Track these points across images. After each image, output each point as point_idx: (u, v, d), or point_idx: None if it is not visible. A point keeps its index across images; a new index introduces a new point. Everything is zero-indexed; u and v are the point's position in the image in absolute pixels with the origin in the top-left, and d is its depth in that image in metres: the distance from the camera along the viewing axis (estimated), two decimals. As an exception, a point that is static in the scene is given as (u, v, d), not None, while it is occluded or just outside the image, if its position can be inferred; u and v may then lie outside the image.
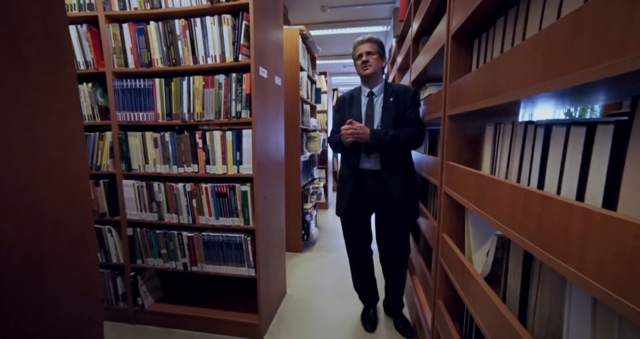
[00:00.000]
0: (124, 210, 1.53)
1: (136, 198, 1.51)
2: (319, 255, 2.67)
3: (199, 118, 1.41)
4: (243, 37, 1.31)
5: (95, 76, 1.51)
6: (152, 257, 1.54)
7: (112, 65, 1.45)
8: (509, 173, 0.68)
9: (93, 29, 1.45)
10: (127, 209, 1.53)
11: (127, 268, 1.58)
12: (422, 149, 1.65)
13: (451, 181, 0.94)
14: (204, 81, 1.38)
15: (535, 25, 0.58)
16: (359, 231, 1.58)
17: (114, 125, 1.48)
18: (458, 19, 0.89)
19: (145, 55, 1.42)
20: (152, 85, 1.43)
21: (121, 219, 1.54)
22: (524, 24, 0.62)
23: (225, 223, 1.46)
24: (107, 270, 1.60)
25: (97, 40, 1.45)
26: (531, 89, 0.47)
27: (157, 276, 1.72)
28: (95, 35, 1.45)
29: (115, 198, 1.54)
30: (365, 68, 1.44)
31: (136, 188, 1.50)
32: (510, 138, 0.68)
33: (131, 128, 1.52)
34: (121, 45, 1.43)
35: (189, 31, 1.35)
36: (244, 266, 1.47)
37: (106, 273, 1.59)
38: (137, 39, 1.41)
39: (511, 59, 0.55)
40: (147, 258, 1.55)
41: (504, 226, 0.55)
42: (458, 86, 0.88)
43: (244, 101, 1.35)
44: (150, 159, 1.48)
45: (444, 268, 1.01)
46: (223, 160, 1.41)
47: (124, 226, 1.54)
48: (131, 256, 1.56)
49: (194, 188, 1.46)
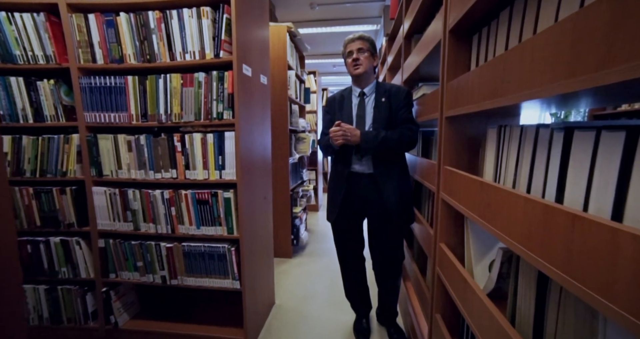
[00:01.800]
0: (95, 220, 1.40)
1: (108, 206, 1.38)
2: (309, 260, 2.59)
3: (177, 120, 1.30)
4: (224, 31, 1.21)
5: (58, 72, 1.36)
6: (128, 270, 1.42)
7: (77, 60, 1.32)
8: (517, 181, 0.62)
9: (53, 19, 1.31)
10: (98, 219, 1.40)
11: (98, 283, 1.44)
12: (414, 151, 1.59)
13: (450, 188, 0.88)
14: (182, 79, 1.27)
15: (550, 17, 0.51)
16: (351, 237, 1.51)
17: (81, 127, 1.35)
18: (456, 12, 0.82)
19: (115, 50, 1.30)
20: (124, 83, 1.31)
21: (91, 230, 1.41)
22: (535, 15, 0.55)
23: (208, 233, 1.35)
24: (74, 286, 1.46)
25: (58, 32, 1.31)
26: (554, 88, 0.40)
27: (133, 291, 1.59)
28: (56, 25, 1.31)
29: (84, 207, 1.40)
30: (356, 67, 1.36)
31: (108, 195, 1.37)
32: (518, 142, 0.61)
33: (102, 130, 1.39)
34: (87, 39, 1.30)
35: (165, 24, 1.24)
36: (228, 279, 1.37)
37: (74, 289, 1.45)
38: (106, 32, 1.29)
39: (525, 53, 0.48)
40: (122, 271, 1.43)
41: (519, 246, 0.48)
42: (457, 85, 0.81)
43: (226, 101, 1.25)
44: (124, 164, 1.36)
45: (442, 280, 0.95)
46: (204, 164, 1.31)
47: (94, 237, 1.41)
48: (103, 270, 1.43)
49: (173, 195, 1.34)
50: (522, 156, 0.60)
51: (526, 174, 0.59)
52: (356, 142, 1.30)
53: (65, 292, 1.46)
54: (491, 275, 0.75)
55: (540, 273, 0.53)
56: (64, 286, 1.46)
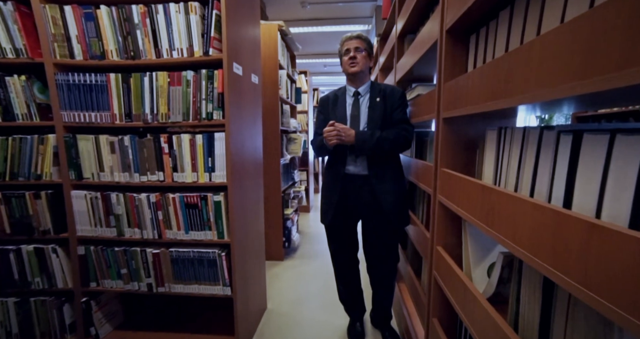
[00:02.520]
0: (74, 226, 1.31)
1: (89, 211, 1.30)
2: (301, 262, 2.55)
3: (164, 120, 1.24)
4: (214, 28, 1.16)
5: (30, 67, 1.27)
6: (110, 278, 1.34)
7: (52, 54, 1.23)
8: (519, 185, 0.60)
9: (23, 9, 1.21)
10: (77, 224, 1.32)
11: (77, 292, 1.36)
12: (408, 152, 1.58)
13: (447, 191, 0.86)
14: (169, 78, 1.21)
15: (555, 17, 0.50)
16: (345, 240, 1.48)
17: (58, 127, 1.27)
18: (454, 12, 0.80)
19: (96, 46, 1.22)
20: (106, 81, 1.24)
21: (70, 236, 1.32)
22: (539, 16, 0.54)
23: (197, 237, 1.30)
24: (49, 297, 1.36)
25: (29, 23, 1.22)
26: (566, 89, 0.38)
27: (116, 299, 1.51)
28: (27, 16, 1.22)
29: (62, 212, 1.32)
30: (353, 65, 1.34)
31: (89, 199, 1.29)
32: (520, 145, 0.60)
33: (81, 130, 1.31)
34: (64, 32, 1.22)
35: (150, 19, 1.18)
36: (219, 285, 1.32)
37: (48, 300, 1.35)
38: (85, 26, 1.21)
39: (532, 53, 0.46)
40: (104, 279, 1.35)
41: (526, 254, 0.46)
42: (456, 86, 0.80)
43: (216, 101, 1.20)
44: (107, 166, 1.29)
45: (439, 284, 0.93)
46: (193, 166, 1.25)
47: (73, 244, 1.33)
48: (83, 279, 1.35)
49: (160, 198, 1.28)
50: (524, 159, 0.59)
51: (529, 178, 0.57)
52: (351, 142, 1.28)
53: (39, 304, 1.36)
54: (491, 279, 0.73)
55: (546, 279, 0.51)
56: (38, 297, 1.36)
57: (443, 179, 0.90)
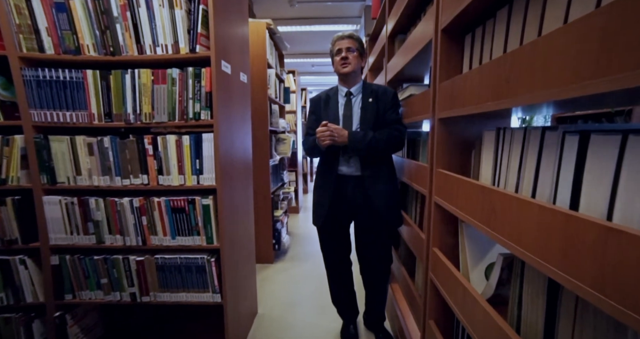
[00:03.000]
0: (46, 234, 1.22)
1: (64, 218, 1.21)
2: (291, 265, 2.51)
3: (148, 120, 1.18)
4: (201, 24, 1.11)
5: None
6: (89, 289, 1.26)
7: (17, 47, 1.13)
8: (520, 186, 0.60)
9: (-22, -5, 1.11)
10: (50, 232, 1.22)
11: (49, 306, 1.26)
12: (400, 152, 1.57)
13: (445, 192, 0.85)
14: (153, 75, 1.15)
15: (558, 17, 0.49)
16: (338, 241, 1.46)
17: (26, 127, 1.17)
18: (450, 11, 0.79)
19: (69, 39, 1.14)
20: (82, 78, 1.16)
21: (41, 246, 1.23)
22: (540, 15, 0.53)
23: (184, 243, 1.24)
24: (16, 314, 1.25)
25: (-12, 12, 1.12)
26: (577, 88, 0.37)
27: (95, 311, 1.42)
28: (-17, 4, 1.11)
29: (32, 220, 1.22)
30: (345, 65, 1.32)
31: (64, 205, 1.21)
32: (521, 146, 0.59)
33: (54, 131, 1.21)
34: (31, 23, 1.12)
35: (130, 13, 1.11)
36: (208, 292, 1.27)
37: (15, 317, 1.24)
38: (56, 17, 1.12)
39: (537, 52, 0.45)
40: (81, 291, 1.26)
41: (532, 257, 0.45)
42: (452, 86, 0.79)
43: (204, 100, 1.15)
44: (84, 169, 1.20)
45: (436, 286, 0.92)
46: (179, 169, 1.19)
47: (45, 254, 1.23)
48: (56, 292, 1.25)
49: (144, 203, 1.22)
50: (525, 160, 0.58)
51: (530, 179, 0.57)
52: (343, 142, 1.26)
53: (3, 322, 1.26)
54: (490, 281, 0.73)
55: (550, 281, 0.51)
56: (2, 315, 1.25)
57: (439, 180, 0.90)
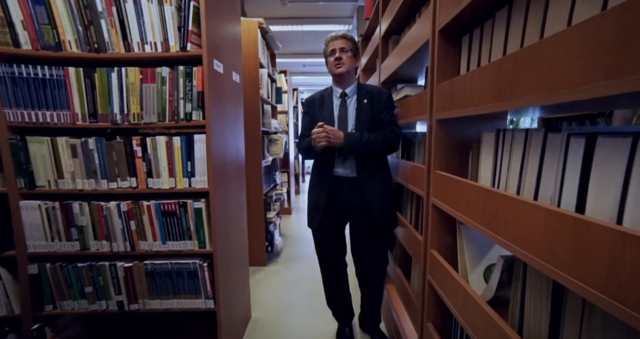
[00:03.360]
0: (23, 241, 1.15)
1: (44, 224, 1.15)
2: (284, 267, 2.48)
3: (136, 120, 1.13)
4: (192, 21, 1.07)
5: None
6: (71, 299, 1.19)
7: (-14, 40, 1.06)
8: (521, 188, 0.59)
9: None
10: (28, 240, 1.15)
11: (26, 319, 1.18)
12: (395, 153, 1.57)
13: (443, 194, 0.85)
14: (142, 74, 1.11)
15: (561, 18, 0.49)
16: (334, 244, 1.44)
17: (0, 127, 1.10)
18: (448, 11, 0.79)
19: (49, 34, 1.08)
20: (64, 76, 1.10)
21: (17, 254, 1.15)
22: (542, 16, 0.53)
23: (175, 248, 1.20)
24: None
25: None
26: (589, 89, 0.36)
27: (78, 322, 1.35)
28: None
29: (7, 226, 1.14)
30: (339, 66, 1.30)
31: (44, 211, 1.14)
32: (523, 148, 0.59)
33: (33, 131, 1.15)
34: (3, 15, 1.06)
35: (116, 8, 1.06)
36: (200, 298, 1.23)
37: None
38: (33, 10, 1.06)
39: (543, 52, 0.44)
40: (63, 301, 1.20)
41: (538, 261, 0.45)
42: (451, 87, 0.78)
43: (196, 100, 1.11)
44: (67, 172, 1.15)
45: (434, 288, 0.92)
46: (170, 171, 1.15)
47: (22, 263, 1.16)
48: (35, 303, 1.18)
49: (132, 207, 1.17)
50: (527, 162, 0.58)
51: (532, 181, 0.56)
52: (339, 144, 1.24)
53: None
54: (490, 283, 0.73)
55: (555, 285, 0.50)
56: None
57: (437, 182, 0.89)
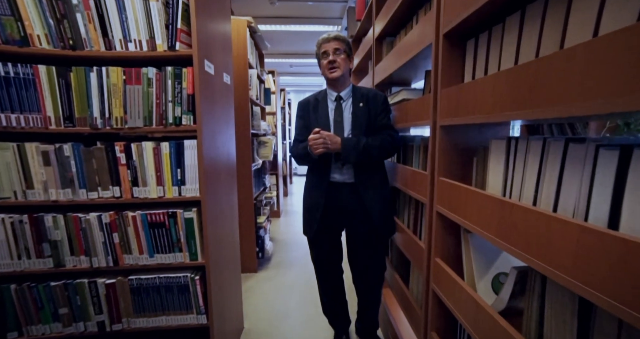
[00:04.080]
0: (-21, 261, 1.03)
1: (9, 240, 1.04)
2: (276, 273, 2.42)
3: (119, 125, 1.04)
4: (180, 19, 1.00)
5: None
6: (42, 323, 1.09)
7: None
8: (538, 199, 0.57)
9: None
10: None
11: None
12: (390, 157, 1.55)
13: (449, 202, 0.83)
14: (125, 74, 1.02)
15: (587, 22, 0.47)
16: (330, 251, 1.41)
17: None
18: (454, 15, 0.77)
19: (12, 27, 0.97)
20: (32, 74, 1.00)
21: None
22: (563, 21, 0.51)
23: (164, 261, 1.12)
24: None
25: None
26: (631, 100, 0.34)
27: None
28: None
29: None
30: (333, 69, 1.26)
31: (9, 225, 1.03)
32: (540, 158, 0.57)
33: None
34: None
35: (95, 1, 0.97)
36: (192, 313, 1.15)
37: None
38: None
39: (575, 60, 0.42)
40: (31, 325, 1.08)
41: (573, 281, 0.42)
42: (458, 92, 0.76)
43: (186, 103, 1.04)
44: (37, 182, 1.04)
45: (439, 297, 0.89)
46: (158, 179, 1.07)
47: (-21, 286, 1.04)
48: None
49: (115, 218, 1.08)
50: (544, 172, 0.56)
51: (550, 193, 0.54)
52: (336, 149, 1.21)
53: None
54: (502, 295, 0.71)
55: (582, 301, 0.48)
56: None
57: (442, 189, 0.87)
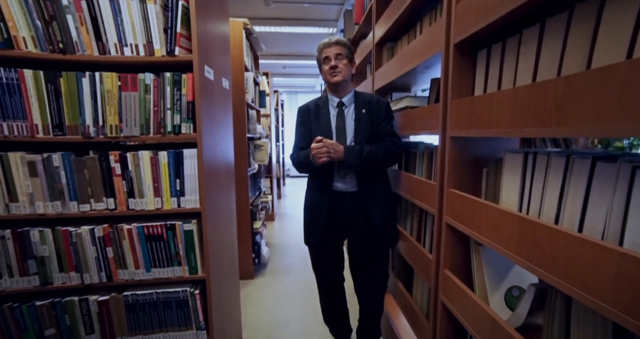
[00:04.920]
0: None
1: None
2: (273, 279, 2.37)
3: (114, 134, 0.98)
4: (180, 23, 0.95)
5: None
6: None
7: None
8: (561, 217, 0.56)
9: None
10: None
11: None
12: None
13: (460, 214, 0.81)
14: (121, 80, 0.97)
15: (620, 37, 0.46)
16: (333, 261, 1.38)
17: None
18: (467, 25, 0.75)
19: (-10, 26, 0.90)
20: (17, 79, 0.93)
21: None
22: (591, 35, 0.50)
23: (162, 276, 1.06)
24: None
25: None
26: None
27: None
28: None
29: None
30: (335, 74, 1.24)
31: (-10, 241, 0.96)
32: (563, 175, 0.56)
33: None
34: None
35: (87, 3, 0.92)
36: (191, 329, 1.10)
37: None
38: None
39: (617, 77, 0.41)
40: (13, 348, 1.01)
41: (612, 310, 0.41)
42: (471, 104, 0.75)
43: (185, 111, 0.99)
44: (22, 194, 0.97)
45: (449, 310, 0.88)
46: (155, 191, 1.02)
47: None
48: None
49: (109, 231, 1.02)
50: (567, 190, 0.55)
51: (574, 211, 0.53)
52: (339, 158, 1.18)
53: None
54: (519, 311, 0.70)
55: (616, 327, 0.47)
56: None
57: (452, 201, 0.85)
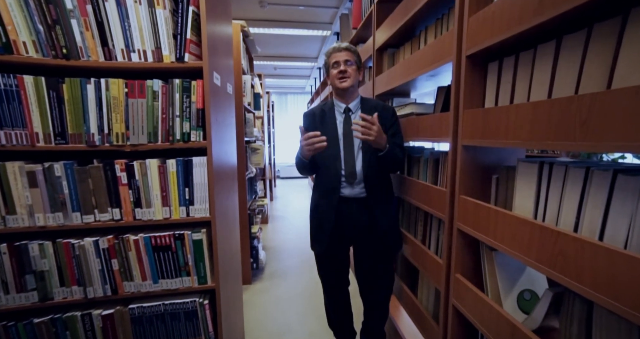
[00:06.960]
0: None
1: (-21, 275, 0.91)
2: (271, 284, 2.36)
3: (120, 142, 0.95)
4: (190, 29, 0.93)
5: None
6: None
7: None
8: (580, 226, 0.59)
9: None
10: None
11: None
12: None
13: (473, 221, 0.83)
14: (127, 87, 0.93)
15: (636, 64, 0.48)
16: (339, 267, 1.38)
17: None
18: (482, 38, 0.77)
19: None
20: (17, 86, 0.88)
21: None
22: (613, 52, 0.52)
23: (170, 287, 1.04)
24: None
25: None
26: None
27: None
28: None
29: None
30: (343, 80, 1.24)
31: (-21, 258, 0.91)
32: (582, 186, 0.58)
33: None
34: None
35: (93, 7, 0.88)
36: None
37: None
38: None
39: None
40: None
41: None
42: (485, 115, 0.77)
43: (195, 118, 0.97)
44: (21, 206, 0.92)
45: (462, 313, 0.90)
46: (163, 200, 0.99)
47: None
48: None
49: (114, 242, 0.99)
50: (586, 201, 0.58)
51: (594, 221, 0.56)
52: (380, 145, 1.13)
53: None
54: (535, 315, 0.73)
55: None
56: None
57: (465, 207, 0.88)
